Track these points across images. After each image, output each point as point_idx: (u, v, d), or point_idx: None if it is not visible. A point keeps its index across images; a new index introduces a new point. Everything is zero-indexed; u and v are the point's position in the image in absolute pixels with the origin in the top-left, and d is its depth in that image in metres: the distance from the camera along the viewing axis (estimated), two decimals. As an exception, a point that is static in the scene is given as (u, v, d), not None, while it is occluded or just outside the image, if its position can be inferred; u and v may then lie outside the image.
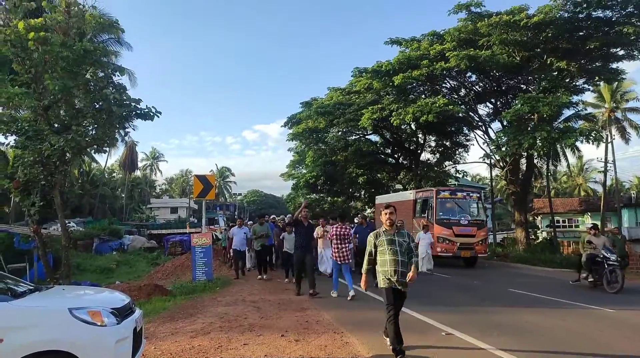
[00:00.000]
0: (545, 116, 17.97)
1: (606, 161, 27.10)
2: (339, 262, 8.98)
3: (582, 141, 19.58)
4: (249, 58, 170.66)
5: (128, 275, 17.83)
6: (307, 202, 10.68)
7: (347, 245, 9.04)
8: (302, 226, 9.54)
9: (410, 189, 21.84)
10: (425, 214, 16.97)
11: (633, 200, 34.15)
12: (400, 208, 18.70)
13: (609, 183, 31.83)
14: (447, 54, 20.15)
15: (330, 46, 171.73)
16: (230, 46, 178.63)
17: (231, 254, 14.44)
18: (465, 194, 17.44)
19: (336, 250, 9.00)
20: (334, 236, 9.04)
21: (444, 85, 23.97)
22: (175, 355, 5.22)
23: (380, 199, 22.43)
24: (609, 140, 32.93)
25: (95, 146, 11.86)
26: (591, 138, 18.77)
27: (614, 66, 20.82)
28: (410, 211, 18.04)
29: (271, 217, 16.27)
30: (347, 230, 9.22)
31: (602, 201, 28.20)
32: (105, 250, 25.69)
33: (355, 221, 14.39)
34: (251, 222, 16.51)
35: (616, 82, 28.32)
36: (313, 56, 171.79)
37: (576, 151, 31.80)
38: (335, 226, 9.35)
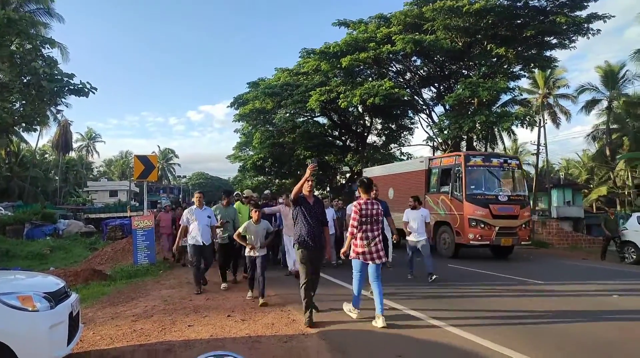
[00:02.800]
0: (484, 100, 18.79)
1: (539, 144, 28.83)
2: (367, 261, 5.52)
3: (517, 125, 20.71)
4: (193, 37, 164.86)
5: (64, 261, 16.89)
6: (314, 166, 5.71)
7: (378, 232, 5.63)
8: (305, 204, 5.67)
9: (420, 157, 17.41)
10: (448, 189, 13.09)
11: (562, 181, 36.66)
12: (405, 182, 15.01)
13: (540, 164, 33.93)
14: (393, 38, 20.47)
15: (277, 25, 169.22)
16: (174, 24, 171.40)
17: (181, 249, 9.67)
18: (502, 161, 13.44)
19: (363, 240, 5.51)
20: (359, 219, 5.51)
21: (390, 68, 24.36)
22: (116, 339, 5.02)
23: (372, 172, 17.86)
24: (542, 124, 35.04)
25: (23, 124, 11.08)
26: (526, 122, 19.91)
27: (548, 53, 22.03)
28: (422, 185, 14.29)
29: (235, 194, 11.26)
30: (379, 208, 5.66)
31: (534, 182, 30.05)
32: (38, 235, 24.16)
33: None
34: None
35: (549, 70, 30.05)
36: (260, 35, 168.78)
37: (512, 135, 33.54)
38: (360, 201, 5.67)
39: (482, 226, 12.16)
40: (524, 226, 12.78)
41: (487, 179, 13.07)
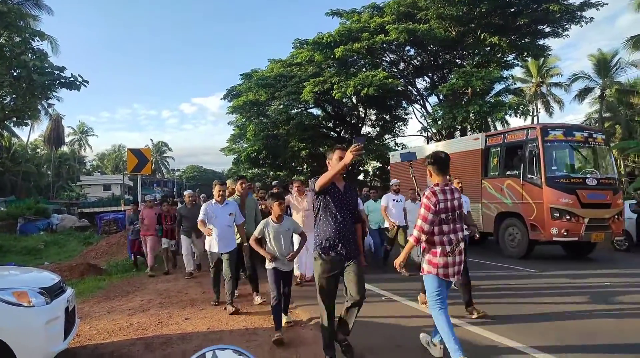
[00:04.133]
0: (478, 90, 18.77)
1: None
2: (448, 277, 3.79)
3: (511, 115, 20.76)
4: (185, 28, 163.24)
5: (58, 256, 16.84)
6: (360, 146, 3.28)
7: (462, 233, 3.96)
8: (334, 192, 3.84)
9: (475, 134, 14.34)
10: (518, 171, 10.63)
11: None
12: (452, 165, 12.56)
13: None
14: (386, 27, 20.35)
15: (270, 16, 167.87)
16: (165, 15, 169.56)
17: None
18: (586, 134, 10.62)
19: (445, 246, 3.76)
20: (434, 217, 3.73)
21: (383, 58, 24.25)
22: (113, 334, 5.02)
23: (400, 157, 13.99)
24: (535, 113, 35.16)
25: (14, 118, 10.96)
26: (519, 111, 19.97)
27: (541, 42, 22.00)
28: (477, 168, 11.84)
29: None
30: (460, 199, 3.96)
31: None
32: (32, 230, 24.06)
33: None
34: (184, 192, 10.27)
35: (542, 58, 30.05)
36: (253, 26, 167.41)
37: (505, 124, 33.59)
38: (435, 188, 3.82)
39: (568, 217, 9.70)
40: (617, 217, 10.23)
41: (571, 158, 10.62)
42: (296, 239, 5.49)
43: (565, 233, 9.70)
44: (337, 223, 3.76)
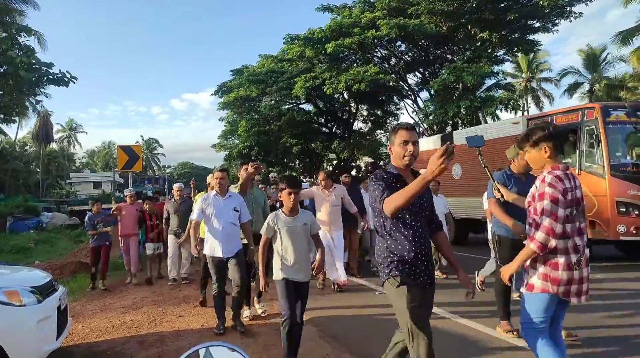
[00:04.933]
0: (469, 85, 18.87)
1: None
2: (569, 297, 2.68)
3: (501, 110, 20.92)
4: (175, 24, 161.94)
5: (49, 254, 16.66)
6: (449, 149, 2.07)
7: (586, 234, 2.82)
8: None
9: (514, 117, 12.65)
10: (574, 159, 9.20)
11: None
12: (493, 152, 9.41)
13: (524, 148, 34.38)
14: (377, 23, 20.36)
15: (261, 11, 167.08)
16: (155, 11, 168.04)
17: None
18: None
19: (570, 255, 2.63)
20: (565, 211, 2.60)
21: (375, 54, 24.27)
22: (106, 332, 5.00)
23: (427, 143, 13.44)
24: (525, 108, 35.42)
25: (1, 116, 10.83)
26: (510, 106, 20.15)
27: (531, 37, 22.14)
28: None
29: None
30: (581, 186, 2.77)
31: (518, 166, 30.45)
32: (22, 229, 23.79)
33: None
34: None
35: (532, 53, 30.28)
36: (243, 22, 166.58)
37: (496, 119, 33.77)
38: (557, 171, 2.65)
39: (637, 212, 8.32)
40: None
41: (637, 142, 9.18)
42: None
43: (634, 231, 8.27)
44: (416, 236, 2.67)
